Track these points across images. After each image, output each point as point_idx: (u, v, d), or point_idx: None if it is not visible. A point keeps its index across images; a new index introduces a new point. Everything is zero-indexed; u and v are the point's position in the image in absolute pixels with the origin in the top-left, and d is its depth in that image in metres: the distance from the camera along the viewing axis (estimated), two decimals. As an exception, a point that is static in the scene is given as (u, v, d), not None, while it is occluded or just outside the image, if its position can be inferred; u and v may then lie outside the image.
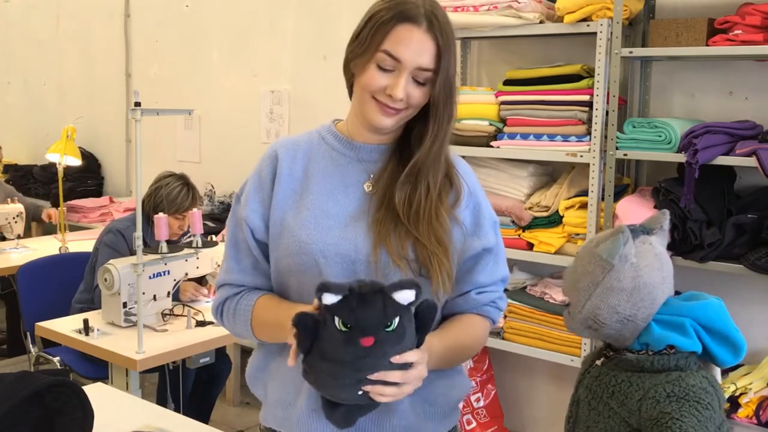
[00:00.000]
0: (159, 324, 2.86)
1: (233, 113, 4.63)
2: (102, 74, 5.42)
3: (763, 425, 2.56)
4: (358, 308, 1.13)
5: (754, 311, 2.89)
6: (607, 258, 1.42)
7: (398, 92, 1.31)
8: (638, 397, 1.37)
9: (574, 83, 2.95)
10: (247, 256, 1.45)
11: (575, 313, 1.47)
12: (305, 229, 1.37)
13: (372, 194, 1.41)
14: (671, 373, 1.37)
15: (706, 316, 1.42)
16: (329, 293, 1.14)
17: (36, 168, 5.62)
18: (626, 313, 1.42)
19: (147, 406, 2.14)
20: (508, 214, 3.09)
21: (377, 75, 1.33)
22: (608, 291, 1.42)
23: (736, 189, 2.85)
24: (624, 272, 1.42)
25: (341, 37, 4.27)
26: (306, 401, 1.37)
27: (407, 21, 1.30)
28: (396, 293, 1.15)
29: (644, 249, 1.45)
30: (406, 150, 1.42)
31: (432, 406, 1.42)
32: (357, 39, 1.36)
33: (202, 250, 2.87)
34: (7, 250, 4.08)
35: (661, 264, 1.45)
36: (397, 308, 1.15)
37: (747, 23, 2.60)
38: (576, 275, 1.48)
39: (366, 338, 1.13)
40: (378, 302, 1.14)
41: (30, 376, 1.57)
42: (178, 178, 3.26)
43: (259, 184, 1.44)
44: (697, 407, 1.31)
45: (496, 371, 3.49)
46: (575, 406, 1.53)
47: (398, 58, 1.31)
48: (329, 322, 1.15)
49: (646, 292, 1.42)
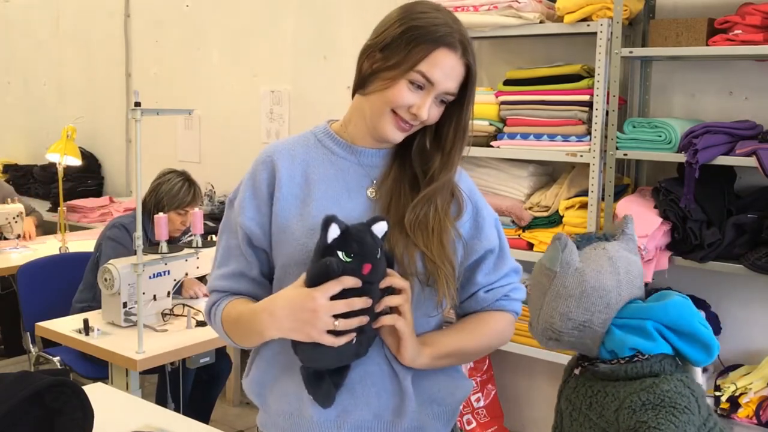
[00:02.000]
0: (159, 324, 2.86)
1: (233, 113, 4.63)
2: (102, 74, 5.42)
3: (763, 425, 2.56)
4: (356, 241, 1.27)
5: (754, 311, 2.89)
6: (549, 266, 1.42)
7: (423, 113, 1.33)
8: (615, 408, 1.35)
9: (574, 83, 2.95)
10: (236, 262, 1.45)
11: (535, 325, 1.47)
12: (311, 237, 1.35)
13: (375, 200, 1.41)
14: (645, 380, 1.35)
15: (668, 316, 1.38)
16: (336, 225, 1.26)
17: (36, 168, 5.62)
18: (580, 318, 1.40)
19: (147, 406, 2.14)
20: (508, 214, 3.09)
21: (406, 92, 1.32)
22: (556, 298, 1.41)
23: (736, 189, 2.85)
24: (568, 278, 1.40)
25: (341, 37, 4.28)
26: (314, 411, 1.37)
27: (446, 46, 1.31)
28: (374, 226, 1.30)
29: (594, 254, 1.43)
30: (407, 155, 1.42)
31: (440, 405, 1.44)
32: (388, 48, 1.33)
33: (202, 250, 2.87)
34: (7, 250, 4.08)
35: (616, 268, 1.41)
36: (378, 239, 1.30)
37: (747, 23, 2.61)
38: (529, 289, 1.49)
39: (366, 265, 1.26)
40: (367, 235, 1.28)
41: (30, 376, 1.57)
42: (179, 174, 3.28)
43: (253, 191, 1.42)
44: (674, 413, 1.29)
45: (496, 371, 3.49)
46: (558, 417, 1.52)
47: (432, 80, 1.31)
48: (330, 257, 1.26)
49: (597, 296, 1.39)
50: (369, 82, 1.36)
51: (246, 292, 1.45)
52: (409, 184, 1.41)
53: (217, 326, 1.46)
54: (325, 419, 1.37)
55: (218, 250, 1.49)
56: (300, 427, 1.39)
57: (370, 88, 1.36)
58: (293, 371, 1.39)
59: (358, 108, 1.42)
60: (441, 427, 1.45)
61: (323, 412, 1.37)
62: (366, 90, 1.37)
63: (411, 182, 1.41)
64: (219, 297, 1.46)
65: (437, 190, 1.38)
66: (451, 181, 1.41)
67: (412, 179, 1.42)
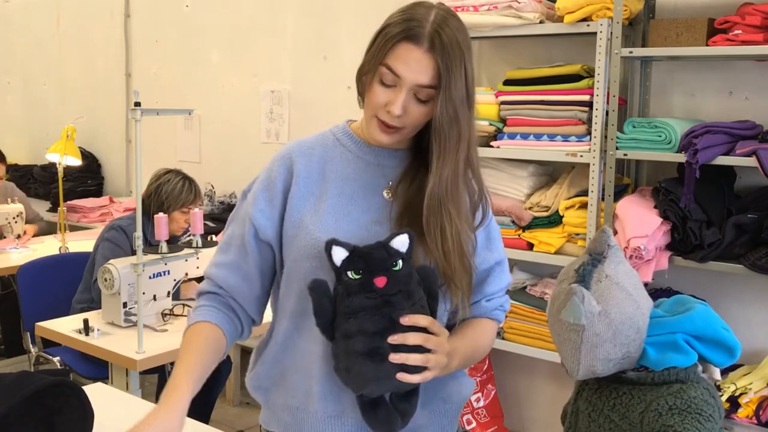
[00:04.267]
0: (159, 324, 2.85)
1: (233, 113, 4.63)
2: (102, 74, 5.42)
3: (763, 425, 2.56)
4: (362, 257, 1.25)
5: (754, 311, 2.89)
6: (575, 321, 1.40)
7: (396, 108, 1.30)
8: (640, 410, 1.36)
9: (574, 83, 2.95)
10: (235, 252, 1.45)
11: (574, 375, 1.46)
12: (326, 231, 1.35)
13: (391, 201, 1.41)
14: (673, 386, 1.37)
15: (694, 326, 1.41)
16: (338, 246, 1.25)
17: (36, 168, 5.62)
18: (620, 355, 1.40)
19: (147, 406, 2.13)
20: (508, 214, 3.10)
21: (379, 90, 1.32)
22: (593, 348, 1.40)
23: (736, 189, 2.85)
24: (596, 326, 1.39)
25: (341, 37, 4.29)
26: (320, 406, 1.37)
27: (409, 40, 1.29)
28: (392, 241, 1.27)
29: (603, 288, 1.41)
30: (424, 157, 1.40)
31: (446, 403, 1.48)
32: (369, 52, 1.35)
33: (202, 250, 2.87)
34: (7, 250, 4.08)
35: (626, 290, 1.41)
36: (398, 252, 1.27)
37: (747, 23, 2.60)
38: (558, 345, 1.47)
39: (378, 278, 1.23)
40: (381, 249, 1.27)
41: (30, 376, 1.57)
42: (176, 173, 3.28)
43: (268, 183, 1.43)
44: (699, 419, 1.31)
45: (496, 371, 3.49)
46: (574, 417, 1.52)
47: (398, 74, 1.30)
48: (343, 279, 1.25)
49: (627, 328, 1.39)
50: (359, 91, 1.39)
51: (234, 286, 1.45)
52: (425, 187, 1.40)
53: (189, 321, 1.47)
54: (330, 415, 1.38)
55: (223, 237, 1.49)
56: (304, 422, 1.40)
57: (361, 97, 1.39)
58: (301, 367, 1.40)
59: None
60: (447, 424, 1.48)
61: (329, 408, 1.37)
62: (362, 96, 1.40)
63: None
64: (207, 289, 1.47)
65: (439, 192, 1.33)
66: (460, 187, 1.36)
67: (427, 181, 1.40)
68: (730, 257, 2.67)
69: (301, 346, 1.41)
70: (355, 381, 1.27)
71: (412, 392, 1.31)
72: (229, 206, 4.49)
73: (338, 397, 1.38)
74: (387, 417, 1.28)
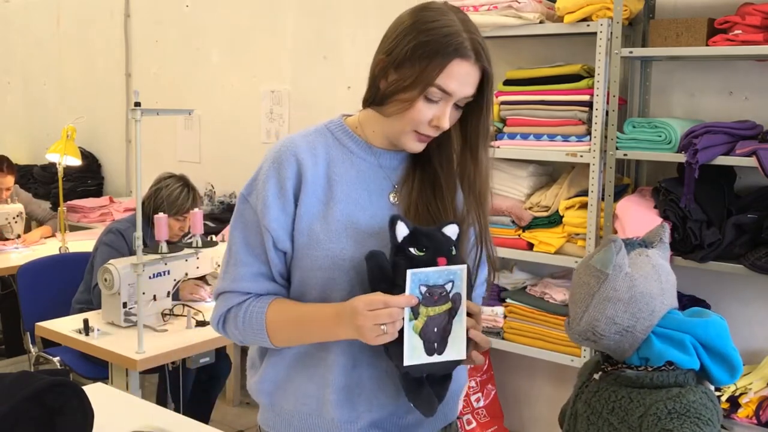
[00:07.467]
0: (159, 324, 2.86)
1: (233, 113, 4.63)
2: (102, 74, 5.43)
3: (763, 425, 2.56)
4: (425, 236, 1.30)
5: (754, 311, 2.89)
6: (601, 268, 1.41)
7: (445, 123, 1.33)
8: (639, 414, 1.36)
9: (574, 83, 2.95)
10: (258, 262, 1.39)
11: (574, 325, 1.47)
12: (338, 242, 1.34)
13: (398, 205, 1.41)
14: (672, 390, 1.37)
15: (706, 334, 1.41)
16: (402, 223, 1.29)
17: (36, 168, 5.62)
18: (625, 323, 1.41)
19: (147, 406, 2.14)
20: (508, 214, 3.10)
21: (425, 108, 1.31)
22: (605, 301, 1.41)
23: (736, 189, 2.85)
24: (619, 281, 1.40)
25: (341, 37, 4.29)
26: (336, 414, 1.37)
27: (460, 57, 1.29)
28: (444, 228, 1.33)
29: (640, 260, 1.44)
30: (427, 156, 1.41)
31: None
32: (402, 67, 1.30)
33: (202, 250, 2.87)
34: (7, 250, 4.08)
35: (659, 275, 1.44)
36: (450, 239, 1.32)
37: (747, 23, 2.60)
38: (573, 287, 1.48)
39: (441, 257, 1.28)
40: (437, 232, 1.32)
41: (30, 376, 1.57)
42: (178, 179, 3.26)
43: (279, 189, 1.36)
44: (698, 423, 1.31)
45: (496, 371, 3.49)
46: (572, 420, 1.52)
47: (449, 92, 1.31)
48: (406, 254, 1.28)
49: (644, 303, 1.40)
50: (387, 103, 1.34)
51: (270, 291, 1.40)
52: (433, 190, 1.41)
53: (248, 327, 1.39)
54: (345, 420, 1.38)
55: (232, 247, 1.41)
56: (317, 428, 1.40)
57: (389, 109, 1.34)
58: (311, 372, 1.39)
59: (374, 118, 1.40)
60: (449, 411, 1.50)
61: (345, 415, 1.37)
62: (384, 111, 1.35)
63: (434, 187, 1.41)
64: (240, 299, 1.40)
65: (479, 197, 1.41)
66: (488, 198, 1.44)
67: (434, 184, 1.41)
68: (730, 257, 2.67)
69: (317, 354, 1.39)
70: (396, 360, 1.30)
71: (447, 377, 1.36)
72: (229, 206, 4.49)
73: (353, 404, 1.38)
74: (429, 397, 1.32)
